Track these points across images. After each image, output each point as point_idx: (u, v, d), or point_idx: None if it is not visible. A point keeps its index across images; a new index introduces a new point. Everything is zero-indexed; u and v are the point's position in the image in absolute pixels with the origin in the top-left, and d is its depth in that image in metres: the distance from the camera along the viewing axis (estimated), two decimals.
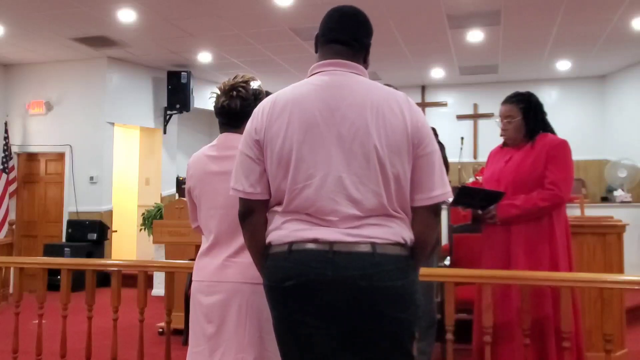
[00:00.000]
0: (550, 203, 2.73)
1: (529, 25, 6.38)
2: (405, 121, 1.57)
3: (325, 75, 1.64)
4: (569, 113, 8.62)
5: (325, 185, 1.53)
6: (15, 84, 8.32)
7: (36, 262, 3.49)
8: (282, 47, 7.24)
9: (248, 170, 1.64)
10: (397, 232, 1.55)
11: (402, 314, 1.54)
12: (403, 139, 1.56)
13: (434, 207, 1.62)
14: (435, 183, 1.59)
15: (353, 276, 1.49)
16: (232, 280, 1.97)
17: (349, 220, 1.53)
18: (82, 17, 6.18)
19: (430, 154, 1.60)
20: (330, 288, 1.50)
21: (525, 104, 2.90)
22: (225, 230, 2.03)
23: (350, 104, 1.56)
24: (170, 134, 8.81)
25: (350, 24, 1.70)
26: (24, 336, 3.45)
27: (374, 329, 1.52)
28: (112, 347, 3.11)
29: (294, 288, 1.53)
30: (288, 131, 1.57)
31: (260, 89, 2.16)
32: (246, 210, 1.67)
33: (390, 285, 1.51)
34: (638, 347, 3.98)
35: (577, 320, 2.69)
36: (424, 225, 1.62)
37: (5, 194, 7.79)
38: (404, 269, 1.54)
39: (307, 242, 1.53)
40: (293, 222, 1.57)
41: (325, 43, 1.70)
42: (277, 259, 1.58)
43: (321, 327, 1.53)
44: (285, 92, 1.64)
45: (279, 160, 1.58)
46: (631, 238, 5.01)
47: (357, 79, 1.63)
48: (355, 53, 1.69)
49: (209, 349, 2.00)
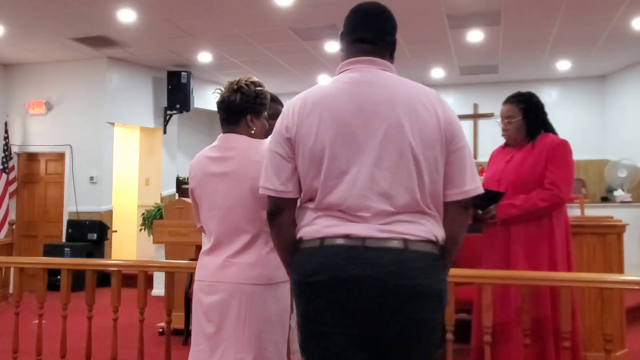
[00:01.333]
0: (550, 203, 2.73)
1: (529, 25, 6.38)
2: (438, 116, 1.57)
3: (354, 72, 1.64)
4: (569, 113, 8.62)
5: (357, 181, 1.52)
6: (15, 84, 8.32)
7: (36, 262, 3.50)
8: (282, 47, 7.24)
9: (279, 169, 1.63)
10: (429, 230, 1.54)
11: (428, 313, 1.52)
12: (436, 134, 1.55)
13: (465, 203, 1.62)
14: (466, 178, 1.59)
15: (382, 272, 1.47)
16: (231, 280, 1.98)
17: (381, 216, 1.52)
18: (82, 17, 6.18)
19: (461, 149, 1.60)
20: (358, 283, 1.48)
21: (526, 104, 2.90)
22: (225, 231, 2.04)
23: (381, 101, 1.56)
24: (170, 134, 8.81)
25: (375, 23, 1.70)
26: (24, 336, 3.45)
27: (398, 327, 1.50)
28: (112, 347, 3.11)
29: (322, 283, 1.51)
30: (320, 129, 1.56)
31: (264, 91, 2.16)
32: (275, 208, 1.66)
33: (419, 283, 1.49)
34: (638, 347, 3.98)
35: (575, 321, 2.69)
36: (455, 221, 1.62)
37: (5, 194, 7.79)
38: (433, 267, 1.53)
39: (338, 238, 1.52)
40: (325, 218, 1.56)
41: (351, 42, 1.70)
42: (308, 254, 1.56)
43: (344, 325, 1.51)
44: (315, 90, 1.64)
45: (311, 158, 1.57)
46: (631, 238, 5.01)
47: (386, 75, 1.63)
48: (381, 50, 1.68)
49: (209, 348, 2.01)
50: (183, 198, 5.30)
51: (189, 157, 9.58)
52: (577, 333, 2.76)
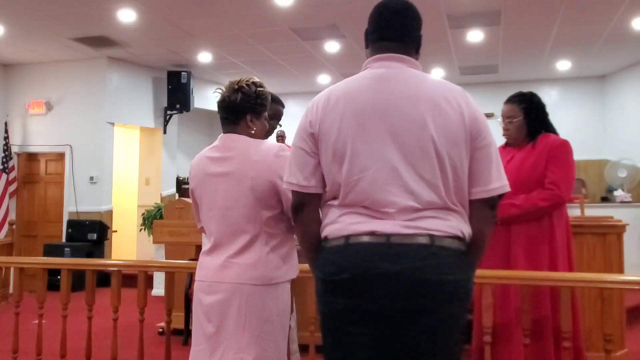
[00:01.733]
0: (550, 203, 2.73)
1: (529, 25, 6.38)
2: (462, 113, 1.55)
3: (379, 68, 1.63)
4: (569, 113, 8.62)
5: (380, 177, 1.51)
6: (15, 84, 8.32)
7: (36, 262, 3.49)
8: (282, 47, 7.24)
9: (302, 164, 1.63)
10: (455, 226, 1.52)
11: (455, 310, 1.50)
12: (460, 130, 1.53)
13: (491, 201, 1.59)
14: (492, 176, 1.57)
15: (409, 268, 1.45)
16: (231, 280, 1.98)
17: (406, 212, 1.50)
18: (82, 17, 6.18)
19: (487, 146, 1.57)
20: (385, 280, 1.46)
21: (528, 104, 2.90)
22: (225, 231, 2.04)
23: (404, 96, 1.55)
24: (170, 134, 8.81)
25: (400, 21, 1.68)
26: (24, 336, 3.45)
27: (424, 324, 1.47)
28: (112, 347, 3.11)
29: (348, 281, 1.49)
30: (342, 124, 1.56)
31: (265, 92, 2.16)
32: (299, 203, 1.66)
33: (446, 279, 1.46)
34: (638, 347, 3.98)
35: (576, 321, 2.69)
36: (481, 220, 1.59)
37: (5, 194, 7.80)
38: (461, 264, 1.51)
39: (363, 235, 1.50)
40: (349, 215, 1.55)
41: (376, 41, 1.68)
42: (333, 252, 1.55)
43: (368, 325, 1.49)
44: (339, 86, 1.64)
45: (334, 153, 1.56)
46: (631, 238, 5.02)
47: (410, 71, 1.62)
48: (407, 47, 1.67)
49: (210, 348, 2.01)
50: (183, 198, 5.30)
51: (189, 157, 9.60)
52: (580, 334, 2.75)
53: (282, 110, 2.91)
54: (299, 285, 2.15)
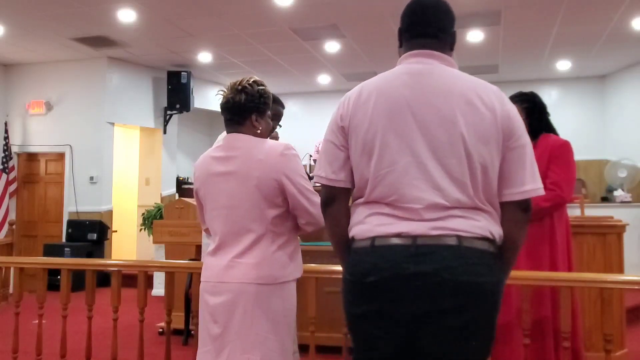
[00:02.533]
0: (552, 203, 2.73)
1: (529, 25, 6.38)
2: (495, 111, 1.52)
3: (413, 64, 1.61)
4: (569, 113, 8.62)
5: (409, 171, 1.50)
6: (15, 84, 8.32)
7: (36, 262, 3.49)
8: (282, 47, 7.24)
9: (332, 157, 1.62)
10: (484, 226, 1.49)
11: (481, 312, 1.46)
12: (492, 129, 1.50)
13: (524, 203, 1.55)
14: (526, 177, 1.53)
15: (436, 269, 1.42)
16: (237, 280, 1.97)
17: (433, 209, 1.47)
18: (82, 17, 6.18)
19: (521, 146, 1.54)
20: (412, 282, 1.43)
21: (530, 104, 2.90)
22: (230, 230, 2.03)
23: (437, 92, 1.53)
24: (170, 134, 8.81)
25: (435, 16, 1.66)
26: (24, 336, 3.45)
27: (449, 325, 1.44)
28: (112, 347, 3.11)
29: (375, 284, 1.47)
30: (373, 117, 1.55)
31: (267, 90, 2.17)
32: (328, 197, 1.65)
33: (474, 281, 1.43)
34: (638, 347, 3.98)
35: (575, 321, 2.69)
36: (513, 223, 1.55)
37: (5, 194, 7.80)
38: (490, 266, 1.48)
39: (390, 237, 1.48)
40: (376, 216, 1.53)
41: (411, 38, 1.66)
42: (360, 254, 1.53)
43: (394, 328, 1.47)
44: (372, 80, 1.63)
45: (363, 146, 1.55)
46: (631, 238, 5.02)
47: (444, 68, 1.60)
48: (442, 43, 1.65)
49: (215, 349, 2.00)
50: (183, 198, 5.30)
51: (189, 157, 9.61)
52: (579, 334, 2.76)
53: (283, 111, 2.91)
54: (298, 285, 2.14)
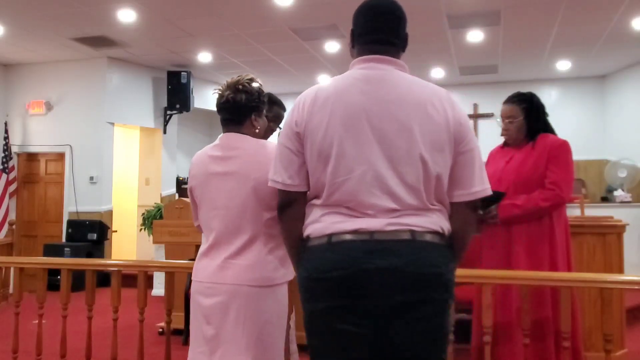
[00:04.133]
0: (552, 203, 2.73)
1: (529, 25, 6.38)
2: (447, 118, 1.56)
3: (367, 69, 1.63)
4: (569, 113, 8.62)
5: (365, 179, 1.52)
6: (15, 84, 8.32)
7: (36, 262, 3.49)
8: (282, 47, 7.24)
9: (287, 162, 1.63)
10: (435, 222, 1.55)
11: (444, 295, 1.52)
12: (445, 136, 1.55)
13: (473, 204, 1.62)
14: (475, 180, 1.59)
15: (396, 264, 1.47)
16: (230, 282, 1.97)
17: (387, 213, 1.52)
18: (82, 17, 6.18)
19: (470, 150, 1.60)
20: (373, 277, 1.47)
21: (528, 104, 2.90)
22: (225, 230, 2.03)
23: (392, 99, 1.56)
24: (170, 134, 8.81)
25: (389, 22, 1.68)
26: (24, 336, 3.45)
27: (414, 316, 1.49)
28: (112, 347, 3.11)
29: (336, 279, 1.50)
30: (329, 124, 1.56)
31: (261, 88, 2.16)
32: (285, 202, 1.67)
33: (434, 272, 1.50)
34: (638, 347, 3.98)
35: (575, 321, 2.69)
36: (463, 221, 1.62)
37: (5, 194, 7.79)
38: (444, 256, 1.54)
39: (347, 234, 1.52)
40: (332, 214, 1.56)
41: (365, 43, 1.68)
42: (317, 251, 1.55)
43: (355, 322, 1.49)
44: (327, 85, 1.64)
45: (320, 152, 1.57)
46: (631, 238, 5.02)
47: (398, 74, 1.63)
48: (395, 48, 1.68)
49: (209, 350, 2.00)
50: (183, 198, 5.30)
51: (189, 157, 9.57)
52: (578, 334, 2.76)
53: (283, 114, 2.90)
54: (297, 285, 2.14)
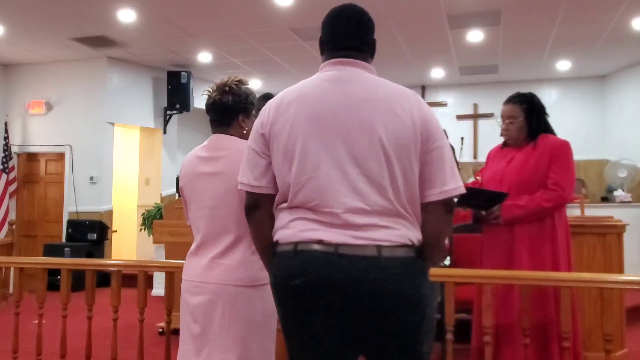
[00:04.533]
0: (554, 204, 2.74)
1: (529, 25, 6.38)
2: (413, 116, 1.55)
3: (334, 71, 1.64)
4: (569, 113, 8.62)
5: (329, 176, 1.53)
6: (15, 84, 8.32)
7: (36, 262, 3.49)
8: (282, 47, 7.24)
9: (253, 164, 1.65)
10: (403, 234, 1.53)
11: (411, 316, 1.51)
12: (410, 134, 1.54)
13: (446, 203, 1.58)
14: (446, 177, 1.56)
15: (359, 279, 1.47)
16: (216, 281, 2.00)
17: (354, 213, 1.51)
18: (82, 17, 6.18)
19: (439, 148, 1.57)
20: (336, 290, 1.49)
21: (528, 105, 2.90)
22: (212, 230, 2.06)
23: (358, 99, 1.56)
24: (170, 134, 8.81)
25: (356, 29, 1.68)
26: (24, 336, 3.45)
27: (381, 332, 1.51)
28: (112, 347, 3.11)
29: (301, 287, 1.52)
30: (294, 124, 1.57)
31: (251, 89, 2.18)
32: (251, 204, 1.68)
33: (397, 290, 1.48)
34: (638, 347, 3.98)
35: (574, 321, 2.69)
36: (437, 222, 1.59)
37: (5, 194, 7.79)
38: (411, 272, 1.52)
39: (312, 243, 1.52)
40: (299, 220, 1.56)
41: (333, 50, 1.68)
42: (283, 258, 1.57)
43: (327, 327, 1.53)
44: (293, 88, 1.65)
45: (285, 152, 1.58)
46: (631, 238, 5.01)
47: (365, 75, 1.63)
48: (364, 54, 1.69)
49: (196, 348, 2.04)
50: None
51: None
52: (578, 334, 2.76)
53: None
54: None
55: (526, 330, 2.53)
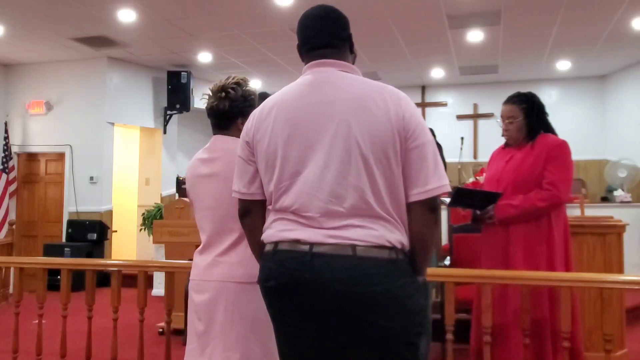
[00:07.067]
0: (549, 203, 2.73)
1: (529, 25, 6.38)
2: (389, 114, 1.51)
3: (310, 74, 1.64)
4: (569, 113, 8.62)
5: (307, 181, 1.52)
6: (15, 84, 8.32)
7: (36, 262, 3.49)
8: (282, 47, 7.24)
9: (241, 171, 1.68)
10: (381, 235, 1.48)
11: (388, 321, 1.46)
12: (387, 132, 1.49)
13: (430, 202, 1.52)
14: (429, 176, 1.50)
15: (331, 279, 1.44)
16: (218, 279, 2.02)
17: (331, 216, 1.49)
18: (82, 17, 6.18)
19: (421, 145, 1.52)
20: (308, 290, 1.48)
21: (528, 105, 2.90)
22: (215, 230, 2.08)
23: (333, 100, 1.55)
24: (170, 134, 8.81)
25: (325, 26, 1.68)
26: (24, 336, 3.45)
27: (357, 334, 1.48)
28: (112, 347, 3.11)
29: (275, 289, 1.54)
30: (273, 131, 1.58)
31: (251, 90, 2.17)
32: (243, 210, 1.72)
33: (371, 291, 1.44)
34: (638, 347, 3.98)
35: (575, 321, 2.69)
36: (421, 223, 1.53)
37: (5, 194, 7.79)
38: (388, 274, 1.46)
39: (288, 242, 1.52)
40: (280, 221, 1.58)
41: (308, 52, 1.69)
42: (265, 259, 1.60)
43: (303, 331, 1.52)
44: (276, 94, 1.66)
45: (266, 160, 1.59)
46: (631, 238, 5.02)
47: (342, 75, 1.62)
48: (339, 50, 1.68)
49: (200, 346, 2.05)
50: (183, 198, 5.30)
51: (189, 157, 9.56)
52: (578, 335, 2.76)
53: None
54: None
55: (526, 331, 2.54)
